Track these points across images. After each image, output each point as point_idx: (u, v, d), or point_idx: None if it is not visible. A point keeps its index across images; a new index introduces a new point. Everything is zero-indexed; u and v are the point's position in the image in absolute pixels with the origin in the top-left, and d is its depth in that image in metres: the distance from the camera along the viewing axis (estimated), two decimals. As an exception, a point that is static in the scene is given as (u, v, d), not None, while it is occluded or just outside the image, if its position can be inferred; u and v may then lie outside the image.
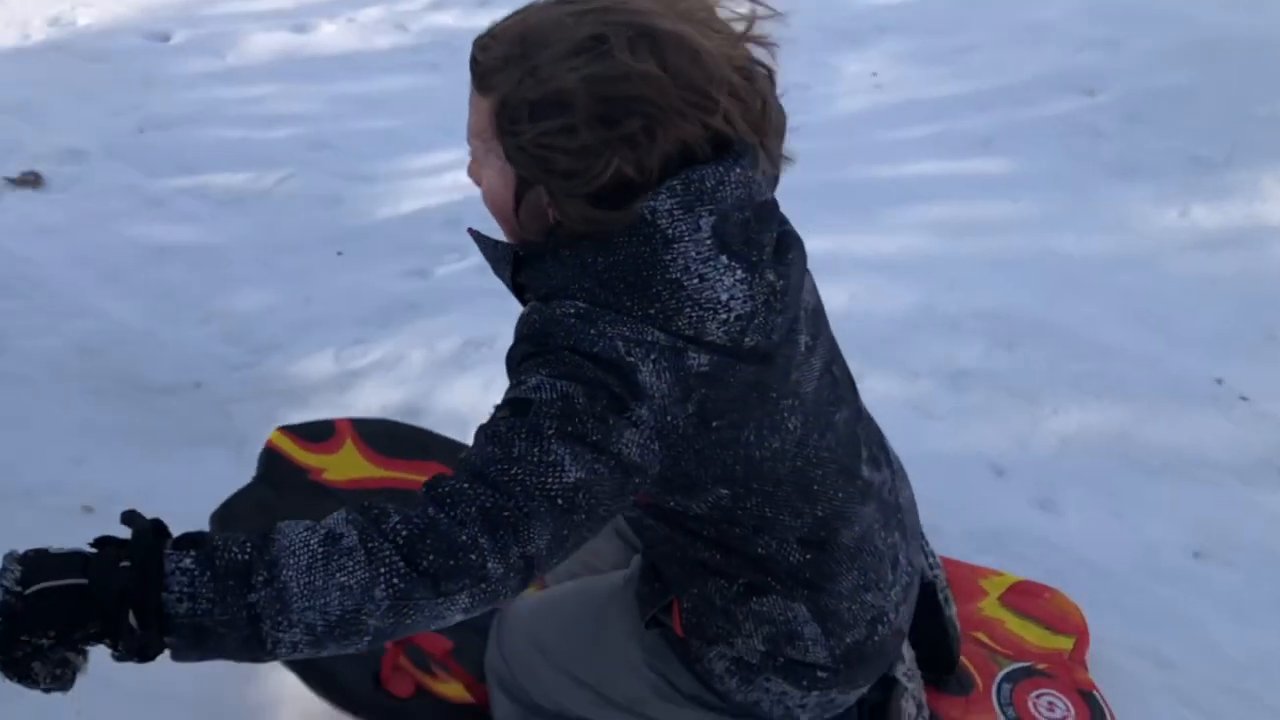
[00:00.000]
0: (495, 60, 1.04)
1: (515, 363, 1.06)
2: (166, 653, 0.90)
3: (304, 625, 0.89)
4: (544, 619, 1.36)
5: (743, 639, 1.17)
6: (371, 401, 2.22)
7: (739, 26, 1.05)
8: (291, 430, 1.61)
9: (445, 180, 3.13)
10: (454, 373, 2.30)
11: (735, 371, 1.03)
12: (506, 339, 2.38)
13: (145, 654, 0.89)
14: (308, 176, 3.14)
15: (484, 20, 3.73)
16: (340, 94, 3.59)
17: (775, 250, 1.07)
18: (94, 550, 0.90)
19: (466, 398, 2.20)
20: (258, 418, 2.16)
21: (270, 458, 1.58)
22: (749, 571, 1.15)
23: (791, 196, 3.09)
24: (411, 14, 4.13)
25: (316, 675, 1.33)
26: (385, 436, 1.59)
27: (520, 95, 1.01)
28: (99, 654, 0.91)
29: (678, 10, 1.02)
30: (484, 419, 1.03)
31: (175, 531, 0.94)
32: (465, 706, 1.39)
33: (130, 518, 0.94)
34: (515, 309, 2.51)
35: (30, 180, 3.04)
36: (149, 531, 0.91)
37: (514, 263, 1.12)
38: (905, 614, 1.26)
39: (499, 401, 1.02)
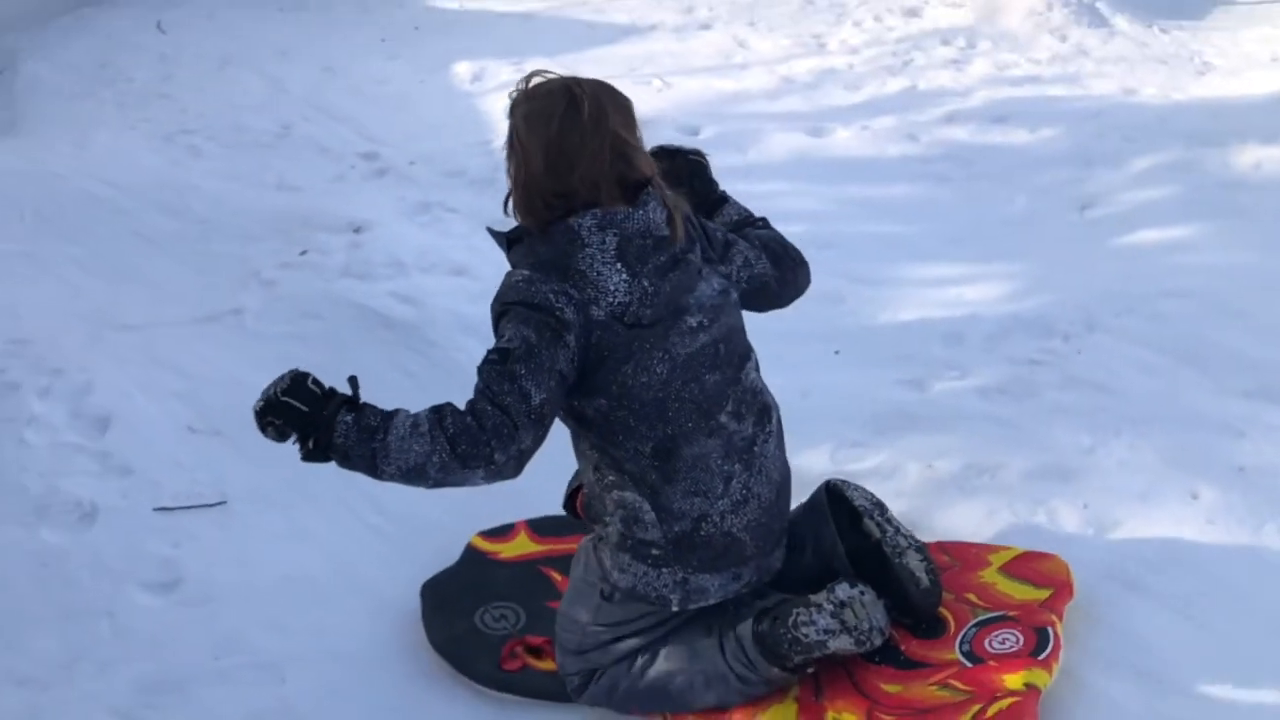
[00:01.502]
0: (514, 102, 1.69)
1: (494, 319, 1.67)
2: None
3: (395, 465, 1.57)
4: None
5: (609, 518, 1.73)
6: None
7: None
8: (484, 533, 2.25)
9: (948, 293, 3.11)
10: (954, 495, 2.24)
11: (620, 328, 1.63)
12: (1011, 469, 2.30)
13: (318, 458, 1.60)
14: (812, 273, 3.26)
15: (998, 137, 3.70)
16: (849, 197, 3.72)
17: (660, 269, 1.66)
18: (323, 395, 1.60)
19: (968, 522, 2.14)
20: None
21: (468, 551, 2.22)
22: (613, 471, 1.71)
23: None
24: (924, 125, 4.20)
25: (460, 664, 1.97)
26: (547, 523, 2.22)
27: (514, 130, 1.68)
28: None
29: (618, 110, 1.65)
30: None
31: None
32: (556, 675, 1.90)
33: (351, 383, 1.64)
34: (1021, 438, 2.40)
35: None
36: (341, 400, 1.60)
37: (507, 247, 1.74)
38: (735, 524, 1.72)
39: (491, 347, 1.63)
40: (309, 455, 1.60)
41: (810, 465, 2.39)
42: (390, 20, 6.23)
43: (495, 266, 3.35)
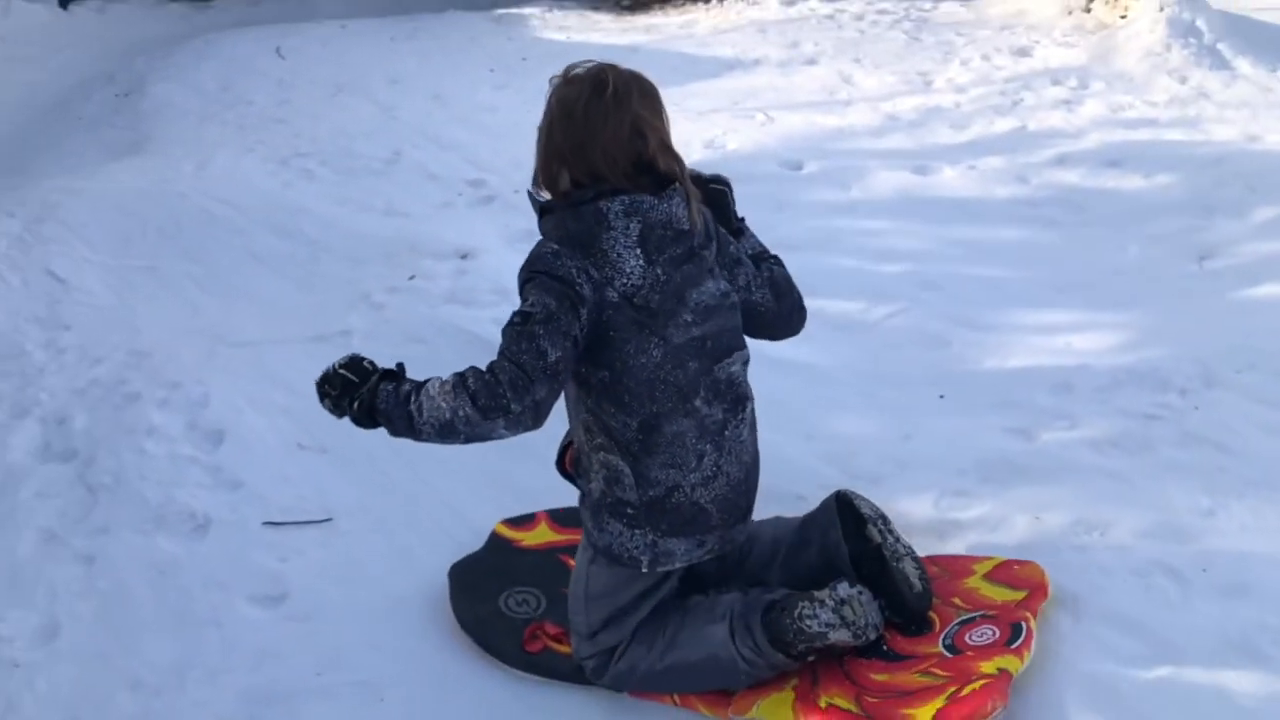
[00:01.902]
0: (553, 88, 1.86)
1: (520, 283, 1.83)
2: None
3: (428, 422, 1.76)
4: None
5: (594, 474, 1.93)
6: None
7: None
8: (507, 521, 2.41)
9: (1056, 341, 3.04)
10: (1063, 549, 2.17)
11: (628, 310, 1.82)
12: (1124, 526, 2.23)
13: (366, 423, 1.84)
14: (916, 314, 3.23)
15: (1111, 181, 3.60)
16: (954, 238, 3.66)
17: (675, 259, 1.84)
18: (372, 370, 1.85)
19: (1079, 578, 2.07)
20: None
21: (493, 537, 2.38)
22: (603, 435, 1.90)
23: None
24: (1034, 167, 4.12)
25: (486, 643, 2.11)
26: (567, 515, 2.32)
27: (548, 110, 1.85)
28: None
29: (643, 95, 1.83)
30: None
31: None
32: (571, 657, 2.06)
33: (399, 366, 1.87)
34: (1134, 495, 2.32)
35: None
36: (385, 372, 1.85)
37: (539, 215, 1.88)
38: (705, 496, 1.91)
39: (515, 310, 1.79)
40: (357, 419, 1.83)
41: (912, 511, 2.35)
42: (499, 51, 6.38)
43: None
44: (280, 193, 4.33)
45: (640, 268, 1.80)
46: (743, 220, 2.08)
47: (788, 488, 2.47)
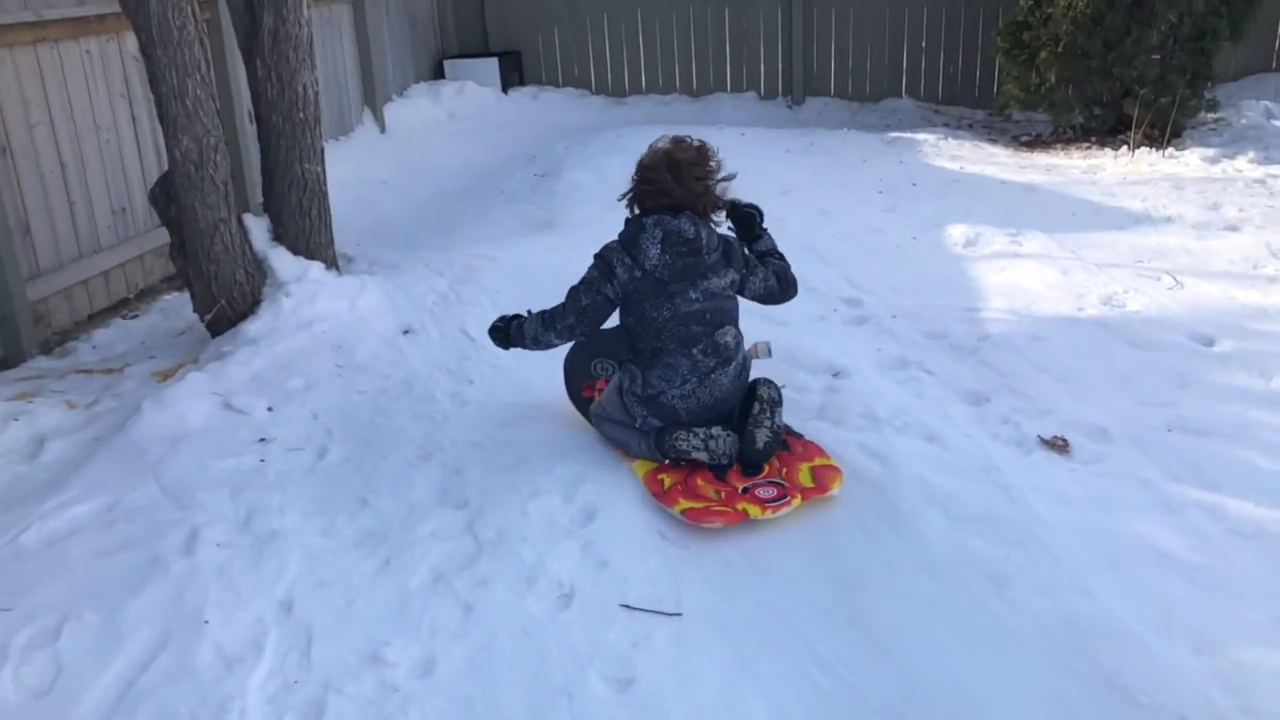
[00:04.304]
0: (651, 147, 3.25)
1: (593, 258, 3.20)
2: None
3: (527, 335, 3.27)
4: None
5: (624, 369, 3.24)
6: None
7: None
8: None
9: None
10: None
11: (648, 282, 3.11)
12: None
13: (506, 346, 3.35)
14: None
15: None
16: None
17: (680, 253, 3.08)
18: (511, 317, 3.38)
19: None
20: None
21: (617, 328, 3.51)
22: (631, 353, 3.25)
23: None
24: None
25: (566, 382, 3.55)
26: None
27: (637, 168, 3.22)
28: None
29: (678, 160, 3.14)
30: None
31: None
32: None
33: (519, 316, 3.40)
34: None
35: (1058, 445, 3.27)
36: (514, 316, 3.37)
37: (625, 224, 3.21)
38: (680, 405, 3.15)
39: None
40: (504, 344, 3.30)
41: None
42: (889, 173, 6.44)
43: (968, 440, 3.31)
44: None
45: (657, 253, 3.05)
46: (765, 230, 3.39)
47: (1168, 703, 2.24)
